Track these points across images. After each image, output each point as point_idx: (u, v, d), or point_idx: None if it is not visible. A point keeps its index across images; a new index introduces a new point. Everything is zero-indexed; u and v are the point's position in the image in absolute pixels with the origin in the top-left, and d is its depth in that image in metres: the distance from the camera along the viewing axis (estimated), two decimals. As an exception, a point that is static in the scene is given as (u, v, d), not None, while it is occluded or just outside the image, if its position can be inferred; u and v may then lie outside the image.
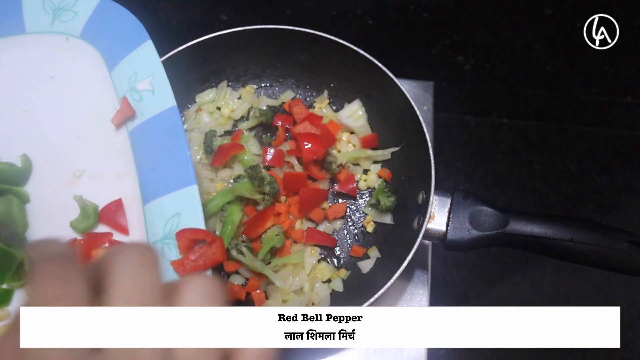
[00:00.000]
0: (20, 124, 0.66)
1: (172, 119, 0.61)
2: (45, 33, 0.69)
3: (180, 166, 0.58)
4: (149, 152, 0.62)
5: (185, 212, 0.57)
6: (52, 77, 0.68)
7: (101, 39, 0.68)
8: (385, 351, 0.78)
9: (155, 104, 0.62)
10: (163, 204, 0.59)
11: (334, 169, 0.81)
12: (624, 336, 1.29)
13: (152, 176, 0.60)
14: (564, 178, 1.43)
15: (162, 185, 0.59)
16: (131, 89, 0.64)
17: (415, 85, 1.01)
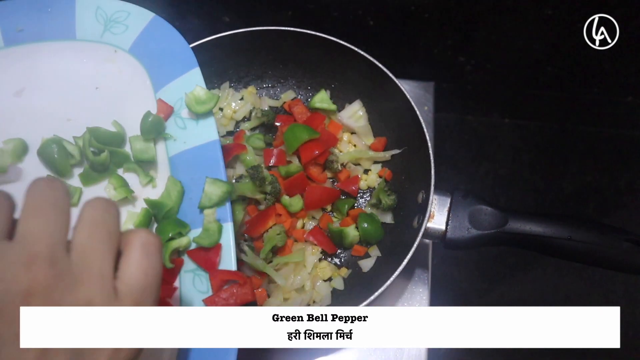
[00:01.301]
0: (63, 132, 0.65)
1: (213, 153, 0.61)
2: (95, 42, 0.69)
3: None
4: (188, 181, 0.62)
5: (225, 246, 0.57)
6: (98, 87, 0.68)
7: (150, 57, 0.67)
8: (386, 350, 0.78)
9: (198, 135, 0.63)
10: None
11: (335, 168, 0.82)
12: (624, 336, 1.29)
13: (189, 206, 0.61)
14: (565, 178, 1.43)
15: (199, 217, 0.59)
16: (175, 115, 0.64)
17: (416, 86, 1.02)
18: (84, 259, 0.34)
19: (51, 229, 0.34)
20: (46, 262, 0.32)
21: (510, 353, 1.29)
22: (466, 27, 1.09)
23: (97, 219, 0.36)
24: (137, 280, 0.35)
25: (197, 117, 0.63)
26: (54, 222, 0.34)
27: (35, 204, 0.34)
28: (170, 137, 0.64)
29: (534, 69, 1.24)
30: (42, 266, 0.32)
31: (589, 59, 1.17)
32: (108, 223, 0.36)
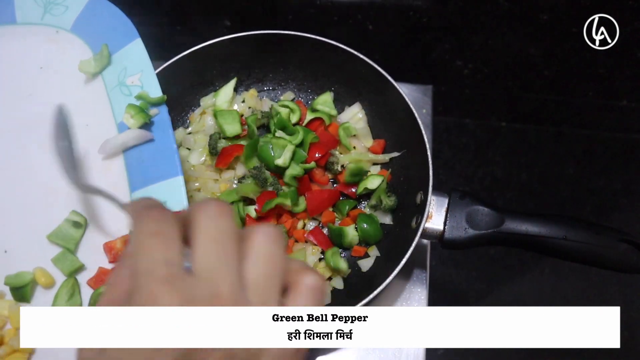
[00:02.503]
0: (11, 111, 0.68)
1: (160, 114, 0.64)
2: (36, 25, 0.71)
3: (167, 158, 0.62)
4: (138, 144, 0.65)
5: (172, 201, 0.60)
6: (41, 67, 0.70)
7: (91, 34, 0.70)
8: (385, 350, 0.79)
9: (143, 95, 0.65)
10: (150, 193, 0.62)
11: (336, 169, 0.83)
12: (623, 336, 1.30)
13: (141, 167, 0.63)
14: (562, 180, 1.44)
15: (150, 175, 0.62)
16: (120, 83, 0.67)
17: (414, 89, 1.03)
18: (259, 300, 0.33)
19: (229, 265, 0.32)
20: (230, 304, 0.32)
21: (510, 353, 1.30)
22: (464, 31, 1.11)
23: (269, 253, 0.34)
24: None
25: (141, 83, 0.66)
26: (230, 256, 0.33)
27: (210, 233, 0.33)
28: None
29: (530, 72, 1.26)
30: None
31: (585, 62, 1.18)
32: (279, 257, 0.35)
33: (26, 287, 0.60)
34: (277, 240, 0.35)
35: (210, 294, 0.31)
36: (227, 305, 0.31)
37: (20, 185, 0.66)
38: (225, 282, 0.32)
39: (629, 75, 1.23)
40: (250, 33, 0.83)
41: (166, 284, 0.31)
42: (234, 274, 0.32)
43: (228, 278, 0.32)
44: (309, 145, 0.81)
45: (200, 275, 0.32)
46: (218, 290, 0.32)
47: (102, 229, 0.62)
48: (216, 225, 0.33)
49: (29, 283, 0.60)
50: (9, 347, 0.58)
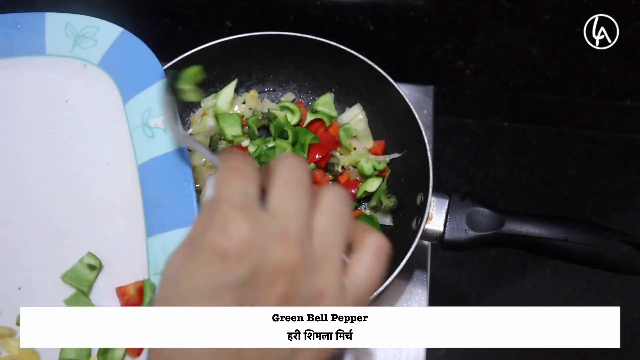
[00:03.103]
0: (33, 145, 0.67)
1: (182, 159, 0.62)
2: (65, 57, 0.70)
3: (186, 206, 0.60)
4: (157, 188, 0.63)
5: None
6: (67, 100, 0.69)
7: (119, 70, 0.69)
8: (385, 350, 0.79)
9: (167, 143, 0.64)
10: (167, 239, 0.60)
11: (336, 170, 0.83)
12: (623, 337, 1.30)
13: (158, 211, 0.62)
14: (564, 181, 1.44)
15: (167, 221, 0.60)
16: (144, 124, 0.65)
17: (415, 90, 1.03)
18: (323, 247, 0.34)
19: (300, 209, 0.34)
20: (296, 242, 0.33)
21: (510, 353, 1.30)
22: (465, 31, 1.10)
23: (338, 209, 0.36)
24: (365, 285, 0.36)
25: (165, 126, 0.64)
26: (303, 202, 0.34)
27: (287, 179, 0.35)
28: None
29: (532, 72, 1.25)
30: (293, 245, 0.32)
31: (587, 62, 1.18)
32: (347, 215, 0.36)
33: None
34: (346, 200, 0.37)
35: (279, 230, 0.32)
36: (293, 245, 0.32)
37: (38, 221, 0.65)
38: (295, 223, 0.33)
39: (632, 75, 1.23)
40: (251, 34, 0.84)
41: (240, 210, 0.32)
42: (304, 218, 0.34)
43: (298, 220, 0.33)
44: (309, 147, 0.81)
45: (272, 212, 0.33)
46: (287, 228, 0.33)
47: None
48: (293, 173, 0.35)
49: None
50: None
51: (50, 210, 0.65)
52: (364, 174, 0.83)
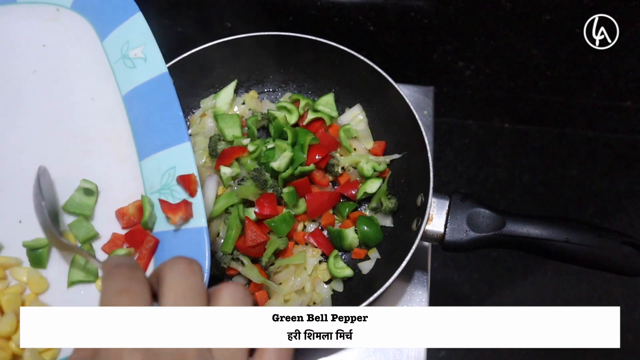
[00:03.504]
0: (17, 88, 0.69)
1: (164, 83, 0.65)
2: (36, 4, 0.73)
3: (174, 125, 0.64)
4: (143, 114, 0.66)
5: (180, 165, 0.62)
6: (45, 45, 0.71)
7: (92, 10, 0.72)
8: (385, 351, 0.79)
9: (148, 70, 0.67)
10: (159, 159, 0.64)
11: (336, 171, 0.83)
12: (625, 338, 1.30)
13: (148, 135, 0.65)
14: (565, 182, 1.44)
15: (157, 143, 0.64)
16: (123, 56, 0.68)
17: (415, 90, 1.03)
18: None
19: None
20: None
21: (511, 353, 1.30)
22: (465, 32, 1.10)
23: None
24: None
25: (144, 55, 0.67)
26: None
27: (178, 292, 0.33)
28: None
29: (533, 73, 1.25)
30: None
31: (587, 63, 1.18)
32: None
33: (43, 249, 0.62)
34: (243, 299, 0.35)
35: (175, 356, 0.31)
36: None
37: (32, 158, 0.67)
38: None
39: (633, 76, 1.22)
40: (250, 35, 0.83)
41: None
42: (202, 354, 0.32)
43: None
44: (309, 147, 0.81)
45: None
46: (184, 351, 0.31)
47: None
48: (184, 282, 0.33)
49: (45, 246, 0.62)
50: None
51: (43, 147, 0.67)
52: (364, 175, 0.83)
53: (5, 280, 0.61)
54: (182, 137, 0.63)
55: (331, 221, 0.81)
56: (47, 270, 0.62)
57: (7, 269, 0.62)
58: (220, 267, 0.77)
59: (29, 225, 0.63)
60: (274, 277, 0.77)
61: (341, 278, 0.78)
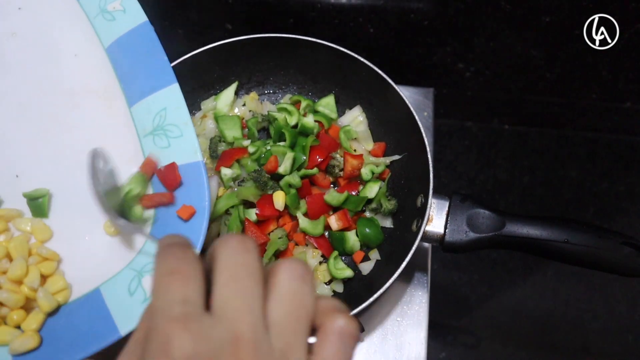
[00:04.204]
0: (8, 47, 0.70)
1: (146, 31, 0.66)
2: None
3: (161, 69, 0.65)
4: (128, 63, 0.67)
5: (171, 106, 0.64)
6: (20, 8, 0.72)
7: None
8: (385, 352, 0.79)
9: (128, 21, 0.68)
10: (149, 103, 0.65)
11: (336, 172, 0.83)
12: (625, 340, 1.29)
13: (136, 82, 0.66)
14: (565, 183, 1.44)
15: (146, 88, 0.65)
16: (102, 10, 0.69)
17: (415, 92, 1.03)
18: (283, 341, 0.30)
19: (252, 304, 0.30)
20: (250, 346, 0.28)
21: (510, 354, 1.30)
22: (465, 34, 1.10)
23: (296, 291, 0.32)
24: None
25: (123, 7, 0.68)
26: (253, 295, 0.30)
27: (231, 270, 0.31)
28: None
29: (532, 75, 1.25)
30: (246, 351, 0.28)
31: (587, 64, 1.18)
32: (306, 296, 0.32)
33: (43, 199, 0.63)
34: (304, 277, 0.32)
35: (228, 336, 0.29)
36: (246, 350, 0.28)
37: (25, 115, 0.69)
38: (246, 322, 0.29)
39: (633, 77, 1.23)
40: (251, 36, 0.84)
41: (180, 323, 0.28)
42: (256, 312, 0.30)
43: (249, 318, 0.29)
44: (310, 149, 0.81)
45: (218, 315, 0.30)
46: (238, 331, 0.29)
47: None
48: (238, 260, 0.31)
49: (45, 195, 0.63)
50: (38, 255, 0.61)
51: (35, 104, 0.69)
52: (362, 179, 0.83)
53: (8, 232, 0.63)
54: (170, 80, 0.64)
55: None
56: (50, 219, 0.64)
57: (9, 221, 0.63)
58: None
59: (27, 178, 0.65)
60: (274, 278, 0.77)
61: (341, 279, 0.78)
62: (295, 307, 0.31)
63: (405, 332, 0.80)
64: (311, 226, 0.78)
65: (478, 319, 1.33)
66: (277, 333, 0.30)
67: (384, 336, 0.80)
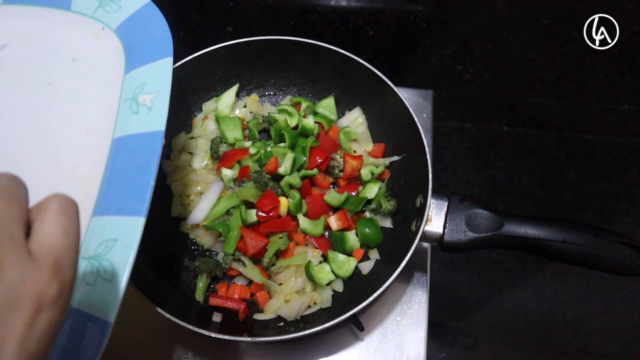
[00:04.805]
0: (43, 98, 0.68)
1: (154, 143, 0.60)
2: (87, 16, 0.71)
3: (139, 193, 0.57)
4: (121, 166, 0.61)
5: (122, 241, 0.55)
6: (74, 59, 0.70)
7: (132, 39, 0.69)
8: (386, 352, 0.80)
9: (147, 122, 0.62)
10: (107, 224, 0.57)
11: (336, 173, 0.84)
12: (624, 340, 1.30)
13: (111, 193, 0.59)
14: (563, 184, 1.44)
15: (115, 204, 0.58)
16: (133, 98, 0.64)
17: (415, 94, 1.04)
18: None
19: None
20: None
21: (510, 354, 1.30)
22: (464, 37, 1.11)
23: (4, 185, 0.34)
24: (56, 240, 0.34)
25: (151, 105, 0.62)
26: None
27: None
28: None
29: (531, 77, 1.26)
30: None
31: (585, 67, 1.18)
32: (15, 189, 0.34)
33: None
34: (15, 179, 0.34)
35: None
36: None
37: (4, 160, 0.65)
38: None
39: (630, 79, 1.23)
40: (252, 39, 0.85)
41: None
42: None
43: None
44: (310, 150, 0.82)
45: None
46: None
47: None
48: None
49: None
50: None
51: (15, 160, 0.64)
52: (362, 180, 0.84)
53: None
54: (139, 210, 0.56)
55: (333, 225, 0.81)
56: None
57: None
58: (222, 268, 0.78)
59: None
60: (274, 278, 0.77)
61: (341, 278, 0.79)
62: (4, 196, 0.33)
63: (405, 332, 0.81)
64: (311, 226, 0.79)
65: (477, 319, 1.34)
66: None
67: (384, 335, 0.81)
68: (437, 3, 1.00)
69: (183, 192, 0.84)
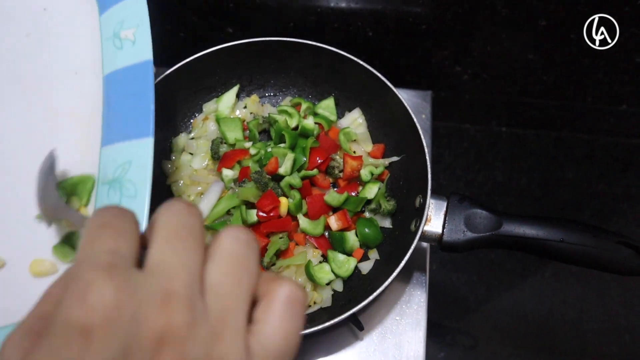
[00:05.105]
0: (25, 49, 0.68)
1: (145, 71, 0.62)
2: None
3: (142, 117, 0.59)
4: (118, 99, 0.63)
5: (136, 162, 0.58)
6: (45, 9, 0.70)
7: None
8: (385, 351, 0.80)
9: (134, 55, 0.64)
10: (118, 150, 0.60)
11: (336, 174, 0.84)
12: (622, 340, 1.30)
13: (115, 122, 0.62)
14: (562, 185, 1.45)
15: (122, 132, 0.60)
16: (114, 35, 0.66)
17: (414, 95, 1.04)
18: (221, 305, 0.27)
19: (188, 263, 0.27)
20: (183, 304, 0.26)
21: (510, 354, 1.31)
22: (463, 37, 1.12)
23: (239, 254, 0.29)
24: (276, 345, 0.28)
25: (134, 38, 0.64)
26: (192, 255, 0.28)
27: (171, 230, 0.28)
28: None
29: (530, 78, 1.26)
30: (178, 309, 0.25)
31: (583, 67, 1.19)
32: (249, 261, 0.29)
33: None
34: (249, 242, 0.30)
35: (159, 290, 0.26)
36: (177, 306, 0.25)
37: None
38: (181, 279, 0.26)
39: (628, 80, 1.24)
40: (252, 40, 0.85)
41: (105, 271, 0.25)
42: (193, 272, 0.27)
43: (184, 275, 0.27)
44: (310, 150, 0.82)
45: (151, 269, 0.27)
46: (170, 287, 0.26)
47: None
48: (180, 221, 0.29)
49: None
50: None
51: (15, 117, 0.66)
52: (362, 180, 0.84)
53: None
54: (146, 132, 0.58)
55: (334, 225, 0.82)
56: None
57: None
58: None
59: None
60: (275, 278, 0.78)
61: (341, 278, 0.79)
62: (236, 269, 0.29)
63: (404, 331, 0.81)
64: (311, 226, 0.80)
65: (476, 319, 1.34)
66: (214, 294, 0.27)
67: (383, 335, 0.81)
68: (436, 5, 1.01)
69: (184, 193, 0.85)
